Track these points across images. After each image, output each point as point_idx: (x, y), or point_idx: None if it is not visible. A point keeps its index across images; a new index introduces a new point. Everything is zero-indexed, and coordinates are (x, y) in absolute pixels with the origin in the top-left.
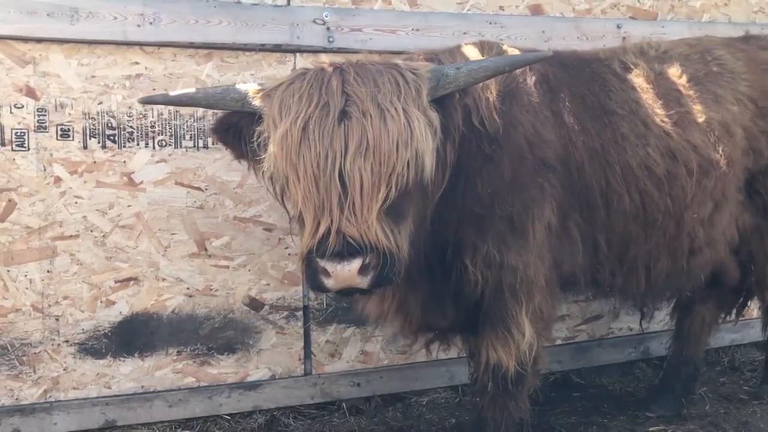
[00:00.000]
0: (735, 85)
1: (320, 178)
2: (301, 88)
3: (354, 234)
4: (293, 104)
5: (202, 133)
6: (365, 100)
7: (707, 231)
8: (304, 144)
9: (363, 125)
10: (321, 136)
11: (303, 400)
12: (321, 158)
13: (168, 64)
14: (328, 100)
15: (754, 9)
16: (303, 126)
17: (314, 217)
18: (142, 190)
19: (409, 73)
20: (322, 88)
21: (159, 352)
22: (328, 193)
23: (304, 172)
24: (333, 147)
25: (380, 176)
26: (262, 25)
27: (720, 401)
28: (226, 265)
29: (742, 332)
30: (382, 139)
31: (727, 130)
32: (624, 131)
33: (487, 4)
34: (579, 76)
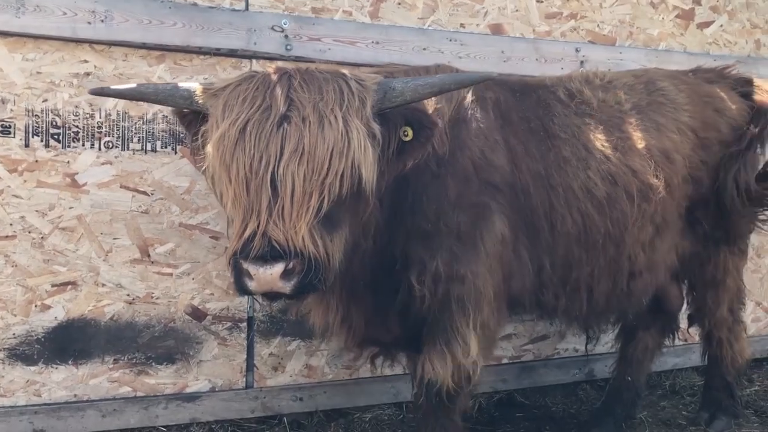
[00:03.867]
0: (677, 115)
1: (251, 181)
2: (246, 90)
3: (279, 238)
4: (236, 106)
5: (151, 136)
6: (307, 106)
7: (648, 255)
8: (239, 146)
9: (300, 131)
10: (257, 138)
11: (243, 413)
12: (255, 161)
13: (119, 63)
14: (270, 103)
15: (708, 40)
16: (241, 127)
17: (243, 219)
18: (85, 192)
19: (355, 83)
20: (266, 91)
21: (95, 359)
22: (258, 196)
23: (236, 173)
24: (268, 150)
25: (312, 183)
26: (218, 28)
27: (659, 426)
28: (169, 272)
29: (684, 356)
30: (317, 146)
31: (668, 158)
32: (566, 154)
33: (448, 21)
34: (525, 101)
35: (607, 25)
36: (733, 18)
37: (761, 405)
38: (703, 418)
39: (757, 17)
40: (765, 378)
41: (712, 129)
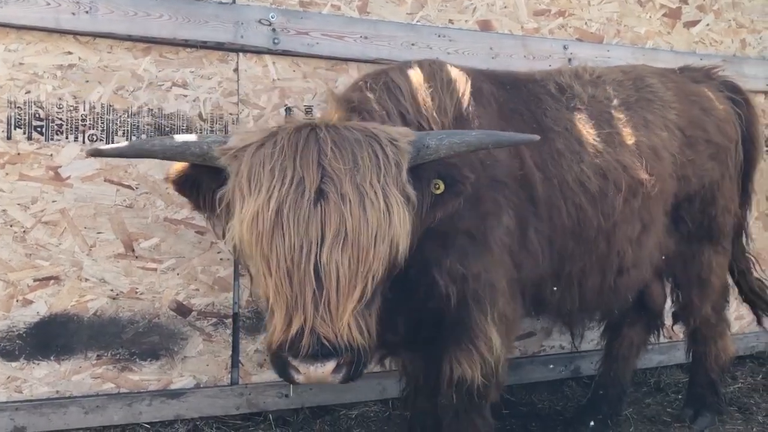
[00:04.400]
0: (664, 113)
1: (294, 273)
2: (272, 155)
3: (329, 335)
4: (264, 177)
5: (136, 130)
6: (344, 179)
7: (635, 252)
8: (277, 233)
9: (341, 211)
10: (296, 223)
11: (228, 410)
12: (296, 250)
13: (103, 55)
14: (303, 175)
15: (695, 39)
16: (276, 209)
17: (286, 312)
18: (69, 186)
19: (390, 147)
20: (296, 158)
21: (77, 355)
22: (302, 288)
23: (277, 265)
24: (309, 235)
25: (357, 272)
26: (204, 21)
27: (644, 423)
28: (153, 267)
29: (668, 354)
30: (361, 231)
31: (656, 154)
32: (560, 147)
33: (437, 17)
34: (517, 95)
35: (595, 23)
36: (720, 17)
37: (745, 402)
38: (687, 414)
39: (742, 17)
40: (748, 375)
41: (699, 128)
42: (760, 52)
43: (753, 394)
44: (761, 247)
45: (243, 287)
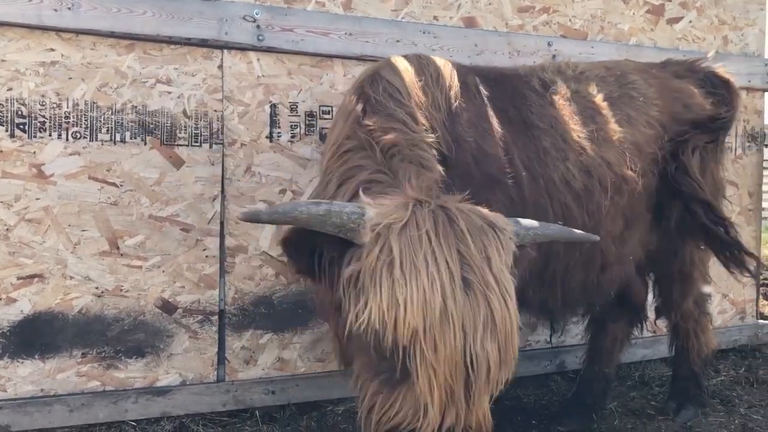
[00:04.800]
0: (647, 109)
1: (455, 364)
2: (420, 240)
3: (473, 424)
4: (420, 265)
5: (120, 127)
6: (484, 268)
7: (618, 248)
8: (445, 324)
9: (488, 300)
10: (458, 315)
11: (214, 407)
12: (459, 342)
13: (87, 52)
14: (449, 263)
15: (678, 36)
16: (443, 302)
17: (441, 405)
18: (52, 183)
19: (506, 236)
20: (441, 245)
21: (62, 354)
22: (457, 379)
23: (444, 356)
24: (465, 327)
25: (505, 360)
26: (188, 18)
27: (629, 416)
28: (139, 265)
29: (653, 348)
30: (505, 319)
31: (639, 151)
32: (546, 145)
33: (422, 14)
34: (502, 91)
35: (579, 19)
36: (702, 14)
37: (727, 394)
38: (671, 407)
39: (725, 14)
40: (731, 368)
41: (680, 124)
42: (742, 48)
43: (735, 387)
44: (744, 240)
45: (228, 284)
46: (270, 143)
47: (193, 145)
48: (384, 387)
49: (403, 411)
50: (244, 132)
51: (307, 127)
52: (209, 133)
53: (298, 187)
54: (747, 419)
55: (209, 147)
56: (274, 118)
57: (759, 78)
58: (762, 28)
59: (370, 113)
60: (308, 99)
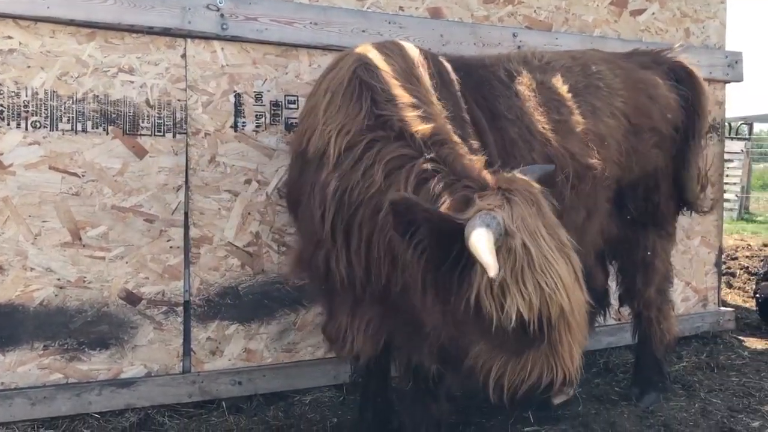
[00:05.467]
0: (611, 100)
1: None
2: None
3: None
4: (547, 251)
5: (81, 116)
6: (560, 234)
7: (579, 237)
8: (572, 291)
9: (570, 258)
10: (570, 277)
11: (180, 398)
12: (580, 300)
13: (46, 40)
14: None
15: (641, 27)
16: (567, 273)
17: (573, 356)
18: (11, 174)
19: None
20: (543, 231)
21: (23, 346)
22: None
23: (579, 317)
24: (575, 287)
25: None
26: (150, 6)
27: (592, 402)
28: (101, 256)
29: (617, 335)
30: (578, 265)
31: (602, 142)
32: (513, 136)
33: (387, 4)
34: (469, 80)
35: (544, 10)
36: (664, 6)
37: (689, 380)
38: (634, 393)
39: (686, 6)
40: (693, 354)
41: (644, 115)
42: (703, 41)
43: (697, 372)
44: (705, 229)
45: (193, 275)
46: (235, 133)
47: (157, 135)
48: (511, 358)
49: (537, 370)
50: (209, 121)
51: (273, 116)
52: (173, 122)
53: (264, 177)
54: (706, 403)
55: (173, 137)
56: (239, 108)
57: (720, 69)
58: (722, 21)
59: (384, 102)
60: (273, 89)
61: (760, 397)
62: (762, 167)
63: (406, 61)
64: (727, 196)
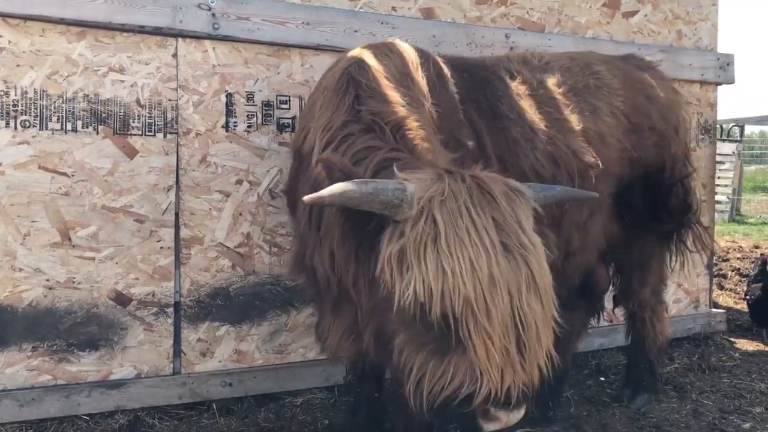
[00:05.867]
0: (611, 99)
1: (509, 327)
2: (460, 211)
3: (527, 381)
4: (463, 236)
5: (71, 116)
6: (517, 231)
7: (582, 237)
8: (494, 291)
9: (526, 261)
10: (505, 280)
11: (170, 400)
12: (508, 305)
13: (35, 39)
14: (488, 230)
15: (633, 29)
16: (489, 266)
17: (498, 367)
18: (0, 173)
19: (528, 199)
20: (479, 213)
21: (11, 347)
22: (509, 341)
23: (499, 321)
24: (511, 289)
25: (547, 317)
26: (141, 5)
27: (584, 404)
28: (91, 256)
29: (609, 337)
30: (543, 277)
31: (603, 140)
32: (515, 135)
33: (380, 4)
34: (472, 81)
35: (537, 12)
36: (657, 8)
37: (680, 381)
38: (625, 394)
39: (678, 8)
40: (684, 356)
41: (643, 115)
42: (695, 42)
43: (688, 374)
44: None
45: (184, 276)
46: (226, 133)
47: (147, 135)
48: (432, 358)
49: (458, 378)
50: (200, 121)
51: (264, 116)
52: (163, 122)
53: (255, 177)
54: (698, 404)
55: (163, 136)
56: (230, 108)
57: (712, 71)
58: (714, 23)
59: (366, 98)
60: (265, 88)
61: (751, 399)
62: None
63: (402, 61)
64: (719, 198)
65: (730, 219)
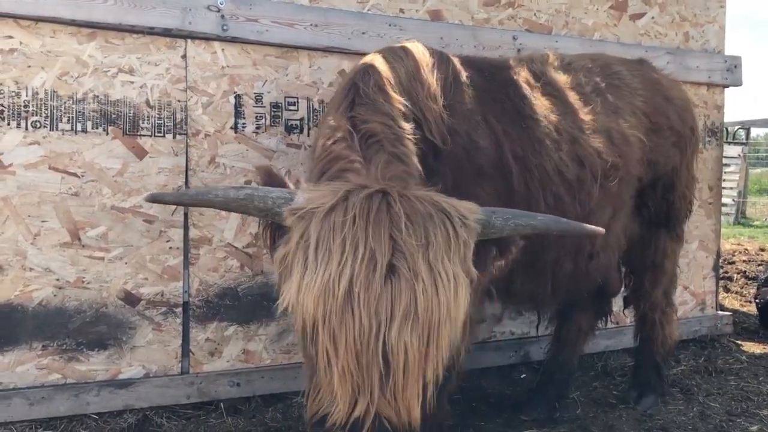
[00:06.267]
0: (632, 99)
1: (363, 353)
2: (344, 224)
3: (392, 417)
4: (335, 248)
5: (81, 116)
6: (416, 256)
7: (605, 236)
8: (347, 312)
9: (413, 289)
10: (367, 300)
11: (178, 399)
12: (365, 330)
13: (46, 40)
14: (374, 249)
15: (640, 32)
16: (348, 285)
17: (351, 393)
18: (11, 173)
19: (460, 225)
20: (368, 230)
21: (22, 346)
22: (369, 369)
23: (346, 344)
24: (378, 315)
25: (427, 353)
26: (151, 7)
27: (591, 405)
28: (101, 256)
29: (615, 339)
30: (432, 311)
31: (626, 140)
32: (539, 135)
33: (388, 6)
34: (495, 82)
35: (544, 14)
36: (664, 11)
37: (686, 383)
38: (632, 396)
39: (686, 11)
40: (691, 358)
41: (662, 115)
42: (703, 45)
43: (695, 376)
44: (703, 234)
45: (193, 276)
46: (235, 134)
47: (157, 136)
48: (309, 371)
49: (320, 398)
50: (209, 122)
51: (273, 118)
52: (173, 123)
53: None
54: (705, 407)
55: (173, 137)
56: (239, 109)
57: (719, 74)
58: (722, 25)
59: (357, 104)
60: (273, 90)
61: (758, 401)
62: (759, 172)
63: (416, 64)
64: (724, 201)
65: (736, 222)
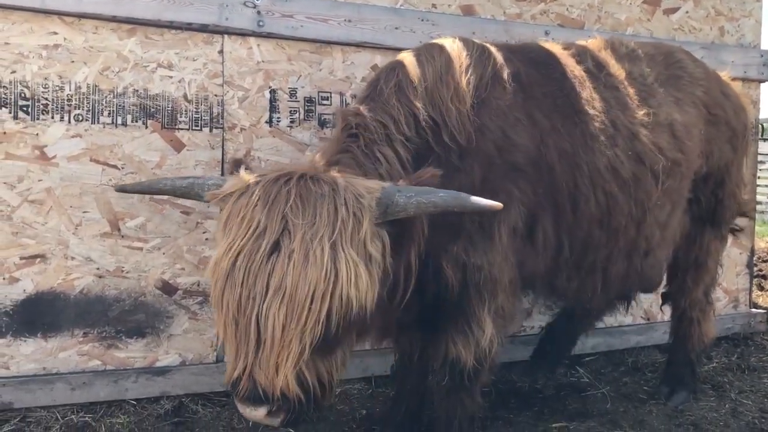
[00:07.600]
0: (692, 89)
1: (240, 320)
2: (247, 205)
3: (263, 382)
4: (234, 225)
5: (122, 110)
6: (297, 234)
7: (662, 233)
8: (229, 281)
9: (285, 267)
10: (246, 274)
11: (213, 387)
12: (243, 299)
13: (89, 36)
14: (266, 226)
15: (674, 26)
16: (233, 260)
17: (235, 354)
18: (55, 165)
19: (354, 204)
20: (264, 209)
21: (64, 333)
22: (246, 336)
23: (226, 311)
24: (255, 288)
25: (294, 327)
26: (189, 3)
27: (620, 400)
28: (139, 246)
29: (646, 334)
30: (298, 288)
31: (688, 132)
32: (593, 131)
33: (420, 1)
34: (550, 75)
35: (576, 9)
36: (699, 5)
37: (719, 380)
38: (663, 392)
39: (721, 5)
40: (723, 355)
41: (720, 108)
42: (738, 39)
43: (727, 373)
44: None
45: None
46: (269, 128)
47: (194, 129)
48: None
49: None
50: (244, 117)
51: (306, 112)
52: (209, 117)
53: None
54: (737, 404)
55: (209, 131)
56: (274, 104)
57: (755, 69)
58: (758, 19)
59: (369, 101)
60: (307, 85)
61: None
62: None
63: (448, 63)
64: (759, 198)
65: None
